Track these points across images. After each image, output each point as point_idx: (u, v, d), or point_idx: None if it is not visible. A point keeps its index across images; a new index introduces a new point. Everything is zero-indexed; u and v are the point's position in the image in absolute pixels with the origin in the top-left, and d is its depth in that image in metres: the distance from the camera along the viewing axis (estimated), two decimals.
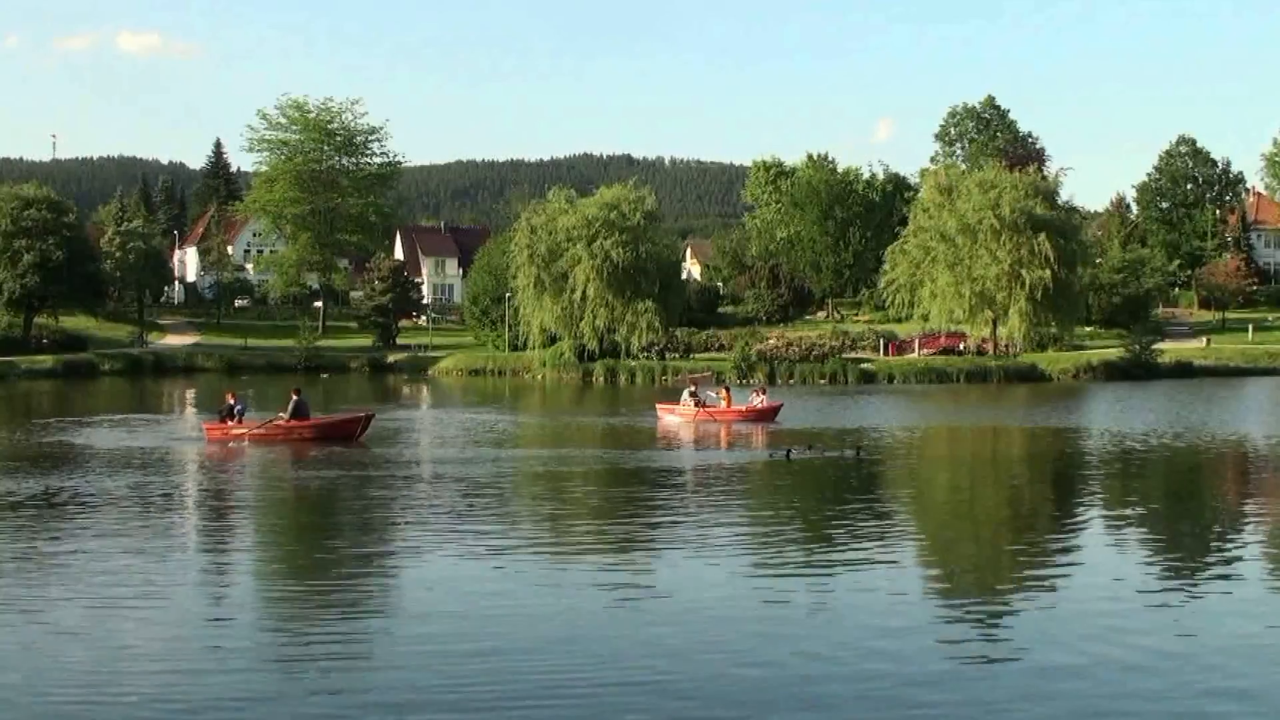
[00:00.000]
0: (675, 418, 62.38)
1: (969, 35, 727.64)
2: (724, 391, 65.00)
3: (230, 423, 49.26)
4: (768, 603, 20.01)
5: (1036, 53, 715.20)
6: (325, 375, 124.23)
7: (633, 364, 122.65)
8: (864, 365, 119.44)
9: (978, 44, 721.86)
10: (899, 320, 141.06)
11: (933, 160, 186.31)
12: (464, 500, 33.06)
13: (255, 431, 48.60)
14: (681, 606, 19.67)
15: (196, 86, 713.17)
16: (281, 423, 49.62)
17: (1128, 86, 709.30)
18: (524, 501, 33.36)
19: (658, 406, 65.51)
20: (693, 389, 65.52)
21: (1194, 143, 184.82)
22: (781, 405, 63.15)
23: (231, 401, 49.93)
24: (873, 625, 18.38)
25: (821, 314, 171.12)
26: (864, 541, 25.98)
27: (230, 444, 47.80)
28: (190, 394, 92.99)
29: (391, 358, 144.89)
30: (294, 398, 50.21)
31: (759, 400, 62.58)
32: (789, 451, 43.71)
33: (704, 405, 62.59)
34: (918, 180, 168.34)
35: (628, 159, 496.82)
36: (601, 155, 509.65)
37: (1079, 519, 30.79)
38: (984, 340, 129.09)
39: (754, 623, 18.62)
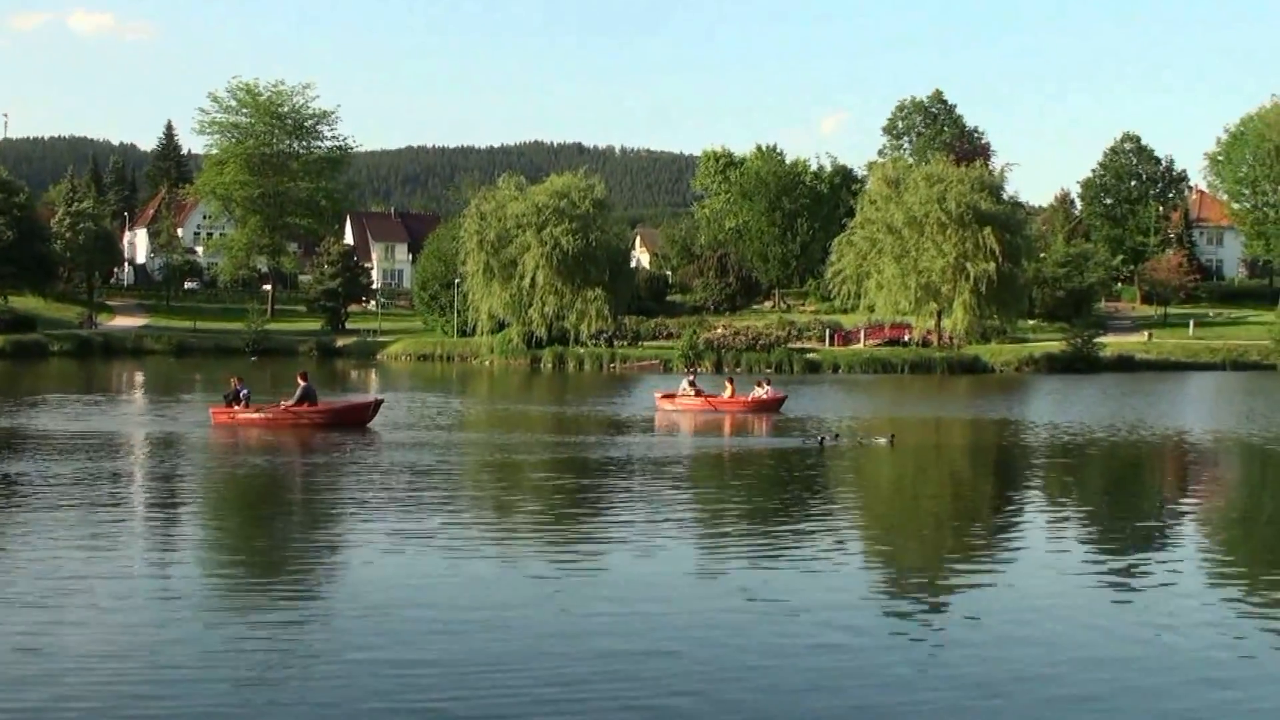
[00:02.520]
0: (672, 406, 62.09)
1: (917, 30, 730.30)
2: (728, 383, 64.41)
3: (236, 407, 48.77)
4: (714, 593, 20.07)
5: (984, 48, 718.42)
6: (255, 359, 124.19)
7: (581, 351, 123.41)
8: (809, 355, 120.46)
9: (926, 39, 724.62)
10: (845, 311, 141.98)
11: (880, 153, 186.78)
12: (467, 492, 33.23)
13: (265, 417, 48.27)
14: (622, 594, 19.69)
15: (148, 68, 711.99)
16: (290, 408, 48.84)
17: (1073, 84, 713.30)
18: (529, 495, 32.73)
19: (657, 397, 64.88)
20: (691, 378, 65.46)
21: (1138, 140, 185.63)
22: (785, 397, 63.02)
23: (236, 386, 49.32)
24: (814, 613, 18.49)
25: (768, 304, 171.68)
26: (807, 531, 26.21)
27: (239, 428, 47.50)
28: (139, 376, 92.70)
29: (340, 342, 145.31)
30: (301, 383, 49.53)
31: (763, 391, 62.21)
32: (822, 440, 44.27)
33: (704, 395, 62.35)
34: (865, 173, 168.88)
35: (578, 147, 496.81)
36: (552, 143, 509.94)
37: (1021, 510, 31.19)
38: (928, 332, 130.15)
39: (701, 612, 18.64)
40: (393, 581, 20.14)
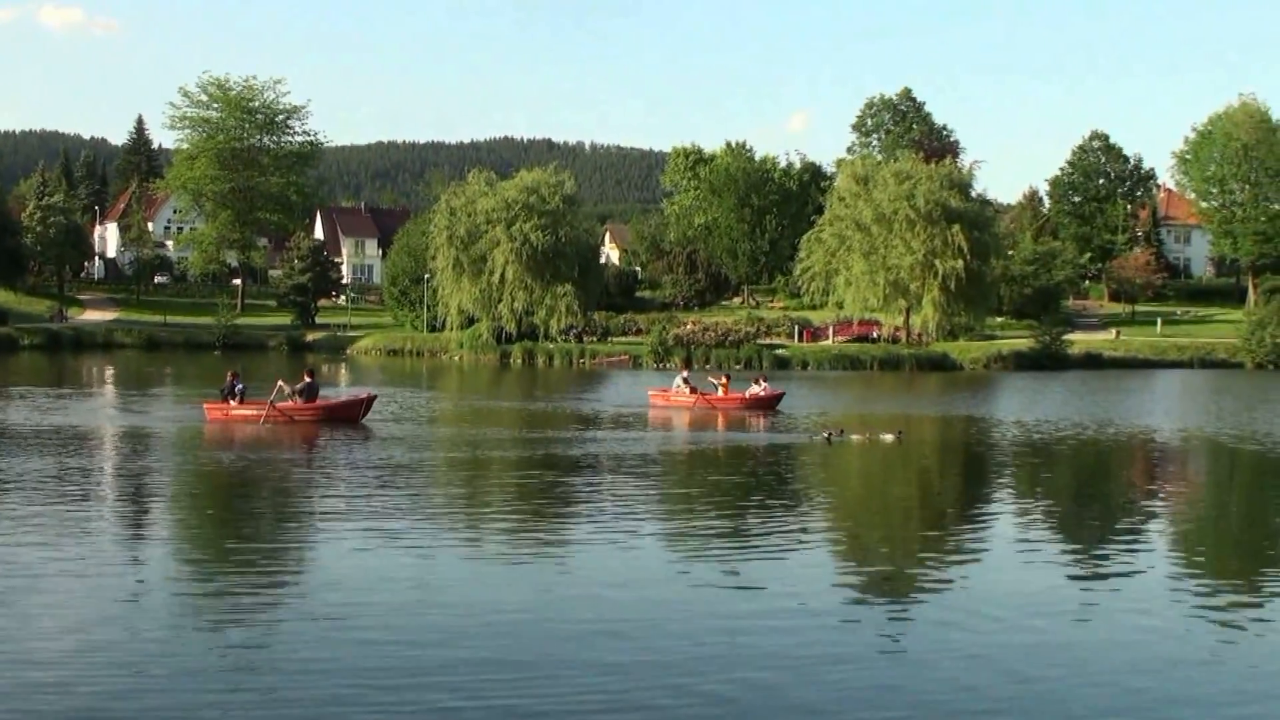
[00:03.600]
0: (663, 401, 62.02)
1: (885, 27, 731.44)
2: (723, 379, 63.95)
3: (231, 402, 48.61)
4: (683, 586, 20.24)
5: (953, 46, 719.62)
6: (218, 352, 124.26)
7: (550, 347, 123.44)
8: (778, 351, 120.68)
9: (894, 36, 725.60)
10: (814, 308, 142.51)
11: (849, 150, 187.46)
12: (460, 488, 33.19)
13: (263, 413, 47.81)
14: (587, 590, 19.79)
15: (119, 62, 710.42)
16: (285, 403, 48.54)
17: (1042, 82, 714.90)
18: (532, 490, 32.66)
19: (650, 393, 64.82)
20: (685, 375, 65.25)
21: (1107, 138, 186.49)
22: (783, 394, 62.75)
23: (231, 380, 49.18)
24: (779, 606, 18.64)
25: (737, 300, 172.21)
26: (775, 526, 26.37)
27: (238, 422, 47.35)
28: (109, 370, 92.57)
29: (310, 337, 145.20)
30: (306, 379, 49.40)
31: (760, 388, 61.78)
32: (829, 436, 44.66)
33: (700, 393, 61.82)
34: (834, 170, 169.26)
35: (548, 143, 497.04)
36: (522, 139, 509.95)
37: (988, 506, 31.35)
38: (897, 329, 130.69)
39: (665, 606, 18.83)
40: (361, 581, 20.13)
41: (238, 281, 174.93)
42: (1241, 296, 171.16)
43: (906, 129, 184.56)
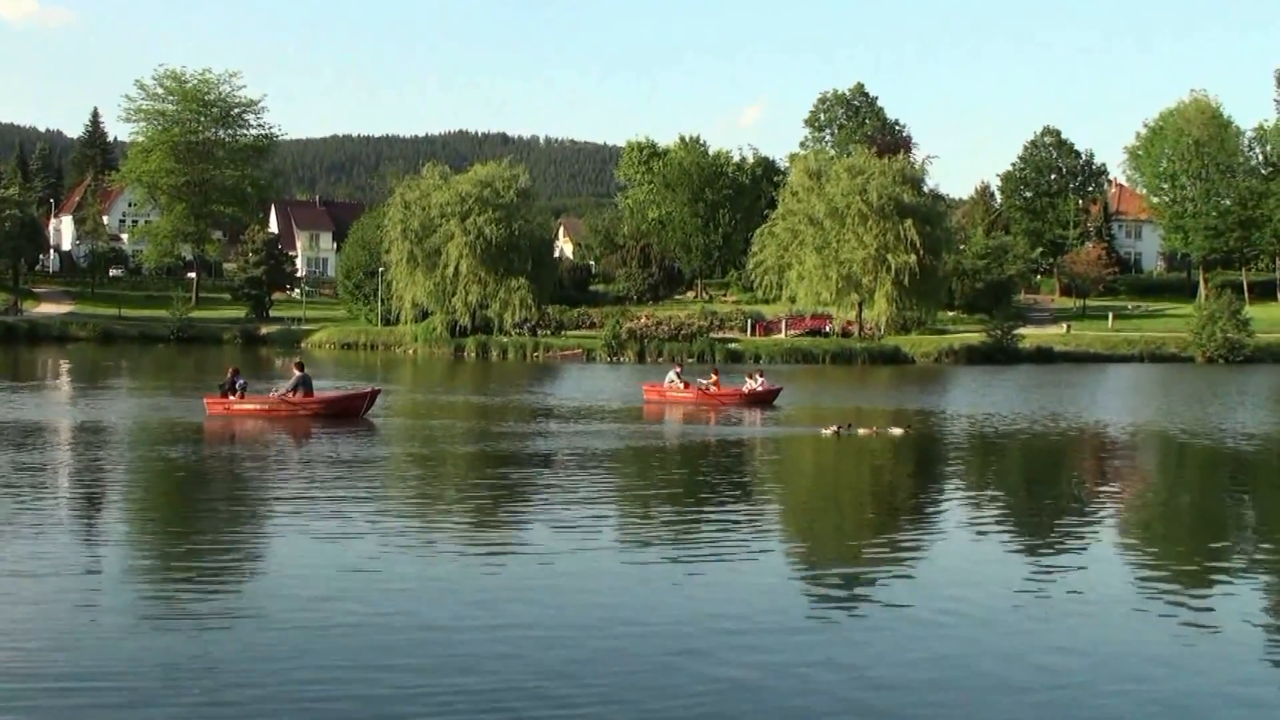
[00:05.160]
0: (658, 397, 61.45)
1: (839, 22, 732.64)
2: (714, 375, 63.41)
3: (231, 397, 47.94)
4: (631, 580, 20.27)
5: (905, 41, 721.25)
6: (163, 345, 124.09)
7: (504, 340, 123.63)
8: (731, 345, 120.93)
9: (848, 31, 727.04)
10: (766, 301, 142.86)
11: (802, 145, 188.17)
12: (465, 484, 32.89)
13: (261, 408, 47.58)
14: (540, 585, 19.63)
15: (74, 54, 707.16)
16: (288, 398, 48.12)
17: (994, 78, 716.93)
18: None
19: (644, 388, 64.29)
20: (678, 370, 65.27)
21: (1058, 134, 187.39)
22: (781, 389, 62.61)
23: (232, 375, 48.55)
24: (734, 600, 18.66)
25: (691, 294, 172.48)
26: (726, 519, 26.44)
27: (233, 418, 46.79)
28: (64, 363, 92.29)
29: (264, 330, 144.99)
30: (296, 373, 49.00)
31: (757, 383, 61.35)
32: (838, 430, 44.75)
33: (700, 388, 61.33)
34: (787, 165, 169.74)
35: (503, 137, 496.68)
36: (476, 133, 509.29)
37: (938, 499, 31.53)
38: (849, 322, 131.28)
39: (617, 598, 19.00)
40: (317, 577, 19.99)
41: (192, 275, 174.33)
42: (1192, 291, 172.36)
43: (859, 124, 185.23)
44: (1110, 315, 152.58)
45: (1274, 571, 22.32)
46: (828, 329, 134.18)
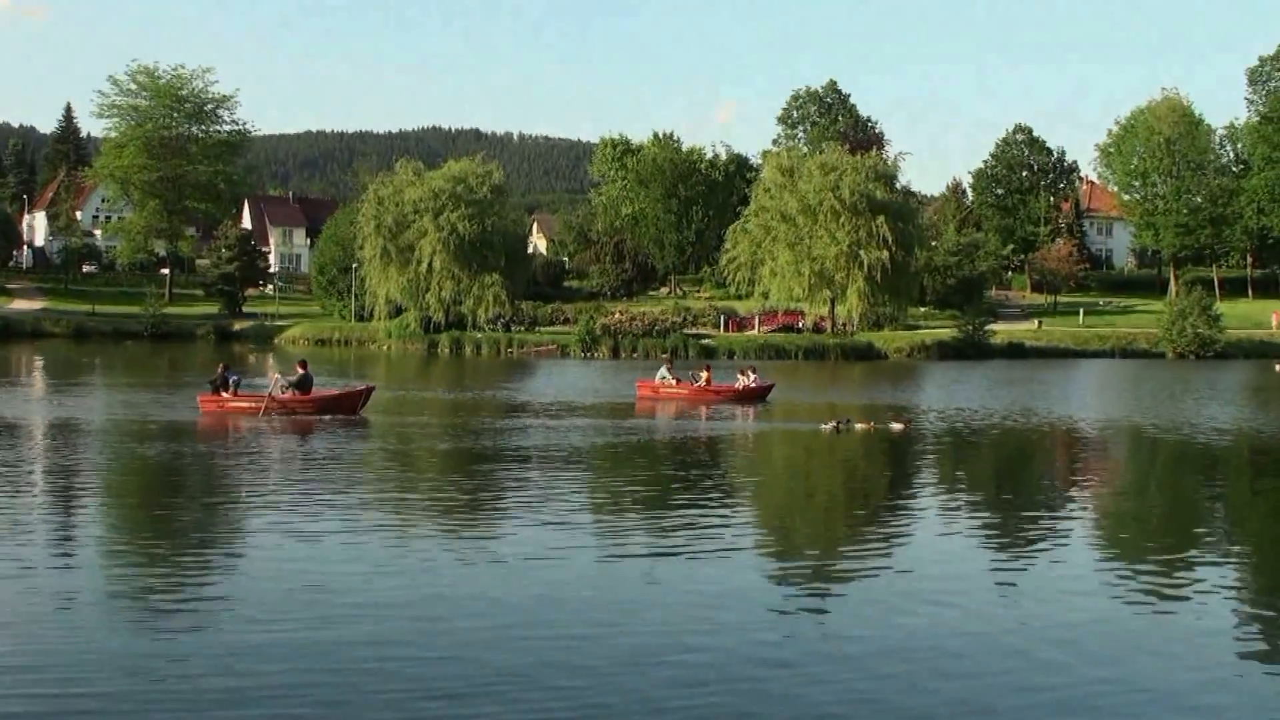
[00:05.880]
0: (650, 393, 61.37)
1: (812, 20, 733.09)
2: (707, 371, 63.18)
3: (224, 394, 47.80)
4: (602, 576, 20.32)
5: (879, 39, 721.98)
6: (129, 342, 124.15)
7: (478, 336, 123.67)
8: (704, 341, 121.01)
9: (820, 29, 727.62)
10: (739, 298, 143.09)
11: (775, 142, 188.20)
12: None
13: (260, 405, 47.36)
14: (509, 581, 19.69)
15: (47, 50, 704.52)
16: (282, 395, 48.11)
17: (967, 76, 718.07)
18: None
19: (637, 384, 64.18)
20: (669, 366, 64.76)
21: (1030, 132, 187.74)
22: (773, 385, 62.79)
23: (223, 372, 48.57)
24: (705, 597, 18.72)
25: (664, 290, 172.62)
26: (700, 513, 26.50)
27: (228, 415, 46.50)
28: (38, 360, 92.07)
29: (237, 326, 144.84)
30: (299, 371, 49.02)
31: (749, 379, 61.42)
32: (837, 425, 45.00)
33: (694, 384, 61.29)
34: (760, 161, 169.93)
35: (476, 133, 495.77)
36: (450, 129, 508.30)
37: (911, 495, 31.69)
38: (821, 318, 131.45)
39: (586, 595, 19.09)
40: (295, 575, 20.04)
41: (166, 271, 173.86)
42: (1163, 288, 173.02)
43: (832, 121, 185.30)
44: (1081, 311, 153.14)
45: (1244, 561, 22.64)
46: (800, 325, 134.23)
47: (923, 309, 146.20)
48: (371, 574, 19.77)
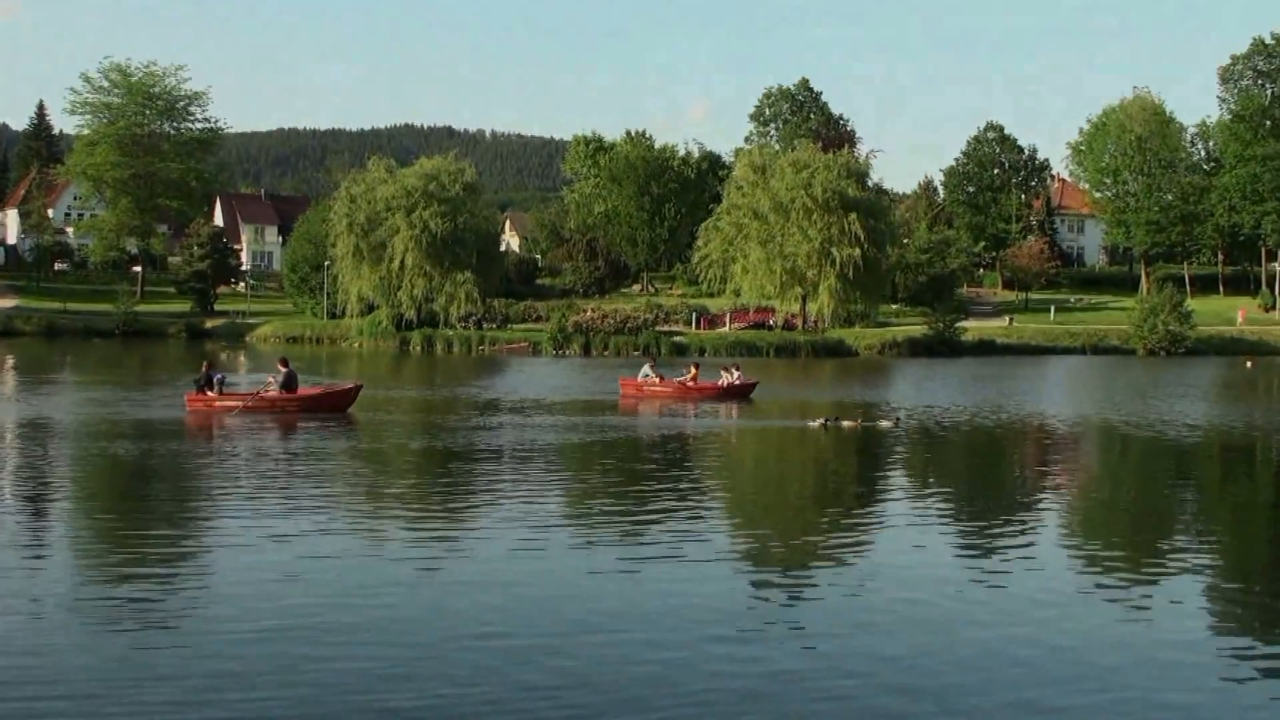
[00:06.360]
0: (635, 391, 61.29)
1: (784, 18, 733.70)
2: (692, 368, 63.57)
3: (210, 393, 47.64)
4: (572, 573, 20.30)
5: (851, 37, 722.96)
6: (96, 339, 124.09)
7: (450, 333, 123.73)
8: (676, 338, 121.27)
9: (793, 27, 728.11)
10: (711, 295, 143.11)
11: (747, 140, 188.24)
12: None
13: (245, 404, 47.44)
14: (481, 580, 19.62)
15: (19, 47, 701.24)
16: (270, 394, 47.99)
17: (939, 73, 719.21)
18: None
19: (621, 382, 64.04)
20: (652, 364, 64.64)
21: (1002, 129, 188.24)
22: (757, 383, 62.94)
23: (207, 371, 48.51)
24: (674, 594, 18.77)
25: (637, 287, 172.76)
26: (669, 512, 26.44)
27: (215, 414, 46.31)
28: (9, 358, 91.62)
29: (209, 324, 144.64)
30: (282, 369, 48.76)
31: (733, 377, 61.51)
32: (825, 422, 45.26)
33: (680, 382, 61.30)
34: (732, 159, 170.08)
35: (448, 130, 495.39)
36: (422, 126, 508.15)
37: (882, 491, 31.71)
38: (793, 316, 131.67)
39: (552, 591, 19.08)
40: (262, 577, 20.07)
41: (138, 269, 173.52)
42: (1134, 285, 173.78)
43: (804, 119, 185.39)
44: (1052, 308, 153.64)
45: (1215, 558, 22.67)
46: (771, 322, 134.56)
47: (894, 306, 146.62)
48: (343, 574, 19.77)
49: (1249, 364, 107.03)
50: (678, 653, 15.44)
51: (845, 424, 45.76)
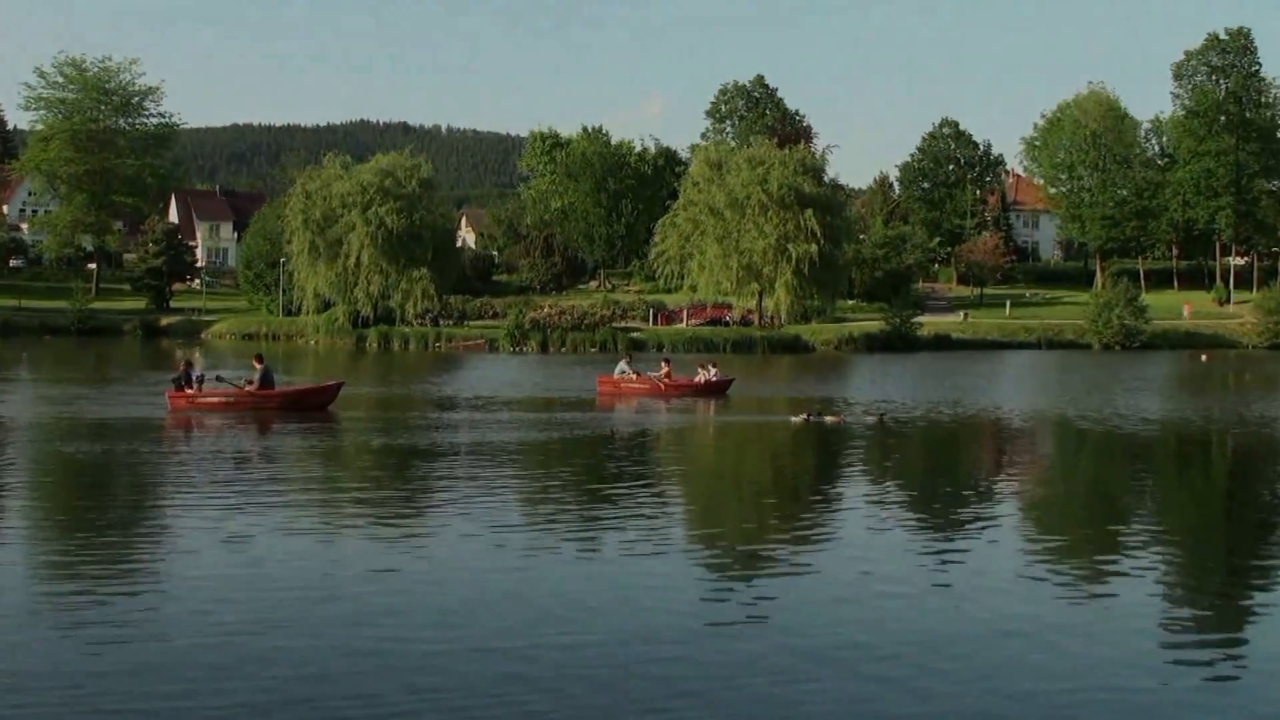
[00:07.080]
0: (611, 388, 60.82)
1: (739, 14, 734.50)
2: (665, 366, 63.15)
3: (190, 390, 47.26)
4: (520, 570, 20.16)
5: (806, 33, 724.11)
6: (48, 336, 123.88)
7: (406, 331, 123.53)
8: (633, 334, 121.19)
9: (748, 23, 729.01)
10: (669, 291, 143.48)
11: (704, 136, 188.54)
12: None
13: (223, 400, 47.19)
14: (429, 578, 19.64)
15: None
16: (249, 390, 47.83)
17: (894, 70, 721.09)
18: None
19: (598, 379, 63.49)
20: (628, 360, 64.72)
21: (957, 125, 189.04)
22: (733, 380, 62.68)
23: (185, 368, 48.16)
24: (639, 586, 18.95)
25: (594, 284, 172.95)
26: (624, 508, 26.43)
27: (196, 411, 46.23)
28: None
29: (164, 321, 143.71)
30: (258, 366, 48.67)
31: (710, 374, 61.24)
32: (808, 417, 45.56)
33: (648, 379, 61.13)
34: (688, 155, 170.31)
35: (404, 127, 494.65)
36: (378, 122, 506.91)
37: (838, 487, 31.83)
38: (749, 311, 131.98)
39: (512, 588, 19.02)
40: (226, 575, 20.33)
41: (93, 265, 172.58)
42: (1089, 279, 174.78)
43: (760, 115, 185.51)
44: (1008, 303, 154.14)
45: (1170, 548, 22.92)
46: (728, 318, 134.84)
47: (850, 302, 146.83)
48: (304, 572, 19.76)
49: (1204, 358, 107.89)
50: (642, 647, 15.53)
51: (828, 419, 46.02)
